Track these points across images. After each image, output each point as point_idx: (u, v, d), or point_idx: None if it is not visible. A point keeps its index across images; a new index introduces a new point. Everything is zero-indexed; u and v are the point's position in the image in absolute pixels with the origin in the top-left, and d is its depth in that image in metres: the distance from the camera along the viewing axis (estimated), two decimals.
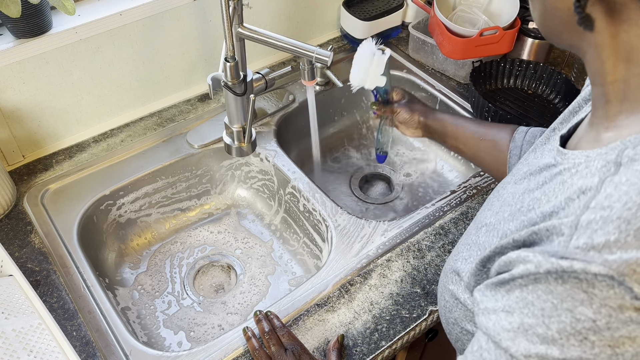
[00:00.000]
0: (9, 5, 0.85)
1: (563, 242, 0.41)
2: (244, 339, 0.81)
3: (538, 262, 0.41)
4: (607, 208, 0.40)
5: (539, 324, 0.41)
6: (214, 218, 1.15)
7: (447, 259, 0.65)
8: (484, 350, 0.46)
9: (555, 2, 0.45)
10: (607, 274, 0.37)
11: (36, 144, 1.07)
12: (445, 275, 0.62)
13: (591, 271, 0.38)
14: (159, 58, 1.11)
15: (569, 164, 0.47)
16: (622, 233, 0.38)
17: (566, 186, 0.45)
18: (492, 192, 0.64)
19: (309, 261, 1.07)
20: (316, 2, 1.28)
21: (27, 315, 0.74)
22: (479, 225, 0.58)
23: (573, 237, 0.40)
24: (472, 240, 0.58)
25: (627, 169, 0.40)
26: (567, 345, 0.39)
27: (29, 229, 0.95)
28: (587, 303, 0.38)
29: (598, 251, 0.38)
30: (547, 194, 0.47)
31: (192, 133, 1.11)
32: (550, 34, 0.49)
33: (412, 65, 1.29)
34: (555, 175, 0.49)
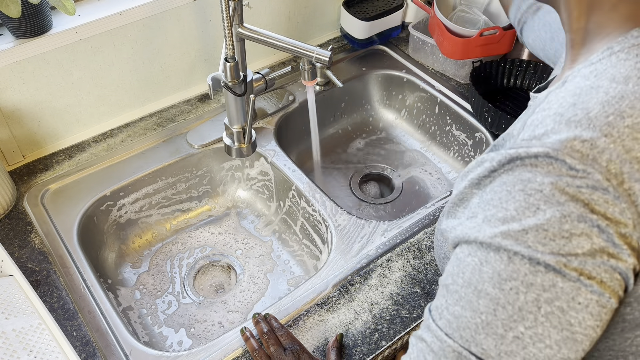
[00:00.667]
0: (9, 5, 0.85)
1: (512, 141, 0.50)
2: (243, 340, 0.81)
3: (491, 158, 0.49)
4: (546, 109, 0.49)
5: (498, 211, 0.47)
6: (214, 219, 1.15)
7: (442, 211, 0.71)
8: (457, 254, 0.51)
9: None
10: (544, 152, 0.45)
11: (36, 144, 1.07)
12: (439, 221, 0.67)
13: (532, 153, 0.46)
14: (159, 58, 1.11)
15: (535, 102, 0.54)
16: (556, 123, 0.46)
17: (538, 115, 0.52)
18: None
19: (309, 261, 1.07)
20: (316, 2, 1.28)
21: (27, 315, 0.74)
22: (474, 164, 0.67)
23: (520, 135, 0.50)
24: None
25: (569, 83, 0.50)
26: (524, 218, 0.45)
27: (29, 229, 0.95)
28: (533, 179, 0.45)
29: (538, 139, 0.47)
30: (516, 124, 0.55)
31: (192, 133, 1.11)
32: None
33: (412, 65, 1.29)
34: (525, 113, 0.57)
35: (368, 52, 1.33)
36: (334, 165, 1.27)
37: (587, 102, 0.46)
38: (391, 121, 1.34)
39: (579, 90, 0.48)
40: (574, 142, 0.44)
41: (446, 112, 1.23)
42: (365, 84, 1.31)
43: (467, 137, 1.20)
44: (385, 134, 1.33)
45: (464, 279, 0.49)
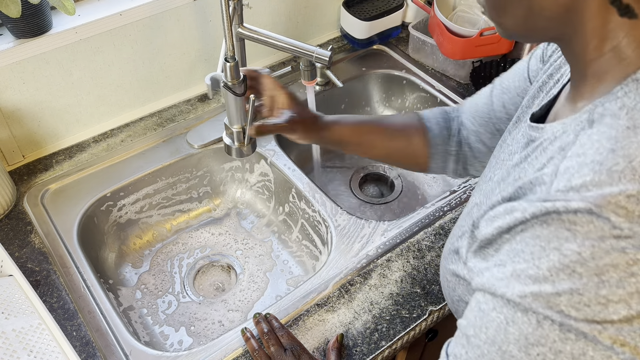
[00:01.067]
0: (9, 5, 0.85)
1: (545, 189, 0.45)
2: (243, 340, 0.81)
3: (523, 208, 0.45)
4: (581, 155, 0.44)
5: (530, 267, 0.44)
6: (214, 219, 1.15)
7: (445, 243, 0.67)
8: (481, 303, 0.48)
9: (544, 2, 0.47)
10: (586, 208, 0.41)
11: (36, 144, 1.07)
12: (444, 257, 0.65)
13: (571, 208, 0.42)
14: (159, 58, 1.11)
15: (548, 135, 0.51)
16: (596, 173, 0.42)
17: (547, 152, 0.50)
18: (480, 177, 0.67)
19: (309, 261, 1.07)
20: (316, 2, 1.28)
21: (27, 315, 0.74)
22: (471, 206, 0.62)
23: (554, 183, 0.45)
24: (465, 221, 0.61)
25: (599, 123, 0.45)
26: (558, 280, 0.42)
27: (29, 229, 0.95)
28: (572, 239, 0.42)
29: (577, 191, 0.42)
30: (532, 163, 0.52)
31: (192, 133, 1.11)
32: (532, 33, 0.51)
33: (412, 65, 1.29)
34: (536, 147, 0.53)
35: (368, 52, 1.33)
36: (333, 165, 1.27)
37: (628, 147, 0.42)
38: None
39: (614, 132, 0.43)
40: (619, 197, 0.40)
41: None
42: (365, 84, 1.31)
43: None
44: None
45: (487, 335, 0.47)
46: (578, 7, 0.46)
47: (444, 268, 0.64)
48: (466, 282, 0.59)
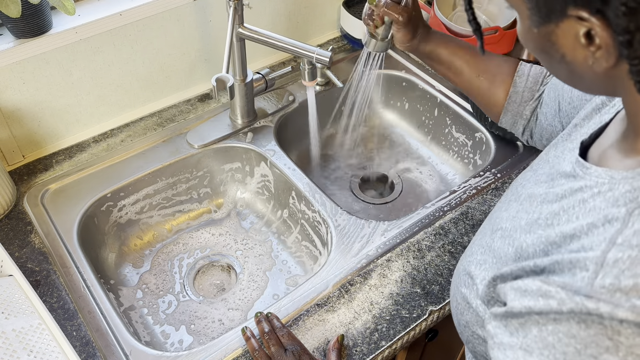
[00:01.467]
0: (9, 5, 0.85)
1: (587, 279, 0.39)
2: (244, 339, 0.81)
3: (561, 299, 0.40)
4: (635, 247, 0.38)
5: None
6: (215, 219, 1.15)
7: (461, 258, 0.63)
8: None
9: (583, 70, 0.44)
10: (635, 321, 0.36)
11: (36, 144, 1.07)
12: (458, 276, 0.61)
13: (618, 317, 0.37)
14: (159, 58, 1.11)
15: (591, 182, 0.47)
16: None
17: (587, 207, 0.45)
18: (510, 188, 0.63)
19: (309, 261, 1.07)
20: (316, 2, 1.28)
21: (27, 315, 0.74)
22: (495, 228, 0.57)
23: (599, 275, 0.39)
24: (486, 243, 0.57)
25: None
26: None
27: (29, 229, 0.95)
28: (613, 350, 0.37)
29: (625, 294, 0.37)
30: (567, 212, 0.47)
31: (192, 133, 1.11)
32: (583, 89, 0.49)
33: (412, 65, 1.29)
34: (575, 191, 0.48)
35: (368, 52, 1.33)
36: (334, 165, 1.27)
37: None
38: (391, 121, 1.34)
39: None
40: None
41: (446, 112, 1.23)
42: None
43: (467, 137, 1.20)
44: (385, 134, 1.33)
45: None
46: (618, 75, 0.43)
47: (456, 288, 0.61)
48: (476, 313, 0.56)
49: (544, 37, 0.44)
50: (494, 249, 0.54)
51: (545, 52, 0.46)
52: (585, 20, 0.40)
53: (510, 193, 0.61)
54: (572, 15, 0.40)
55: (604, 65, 0.41)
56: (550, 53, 0.45)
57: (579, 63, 0.43)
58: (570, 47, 0.43)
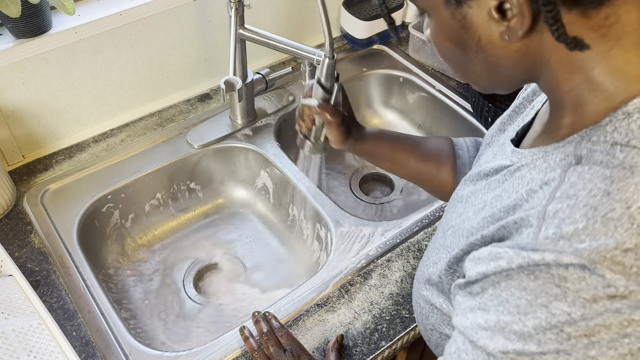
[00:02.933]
0: (9, 5, 0.85)
1: (532, 234, 0.41)
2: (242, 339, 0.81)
3: (509, 258, 0.42)
4: (572, 197, 0.40)
5: (514, 321, 0.41)
6: (214, 219, 1.15)
7: (418, 266, 0.64)
8: (461, 351, 0.46)
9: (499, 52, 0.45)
10: (579, 263, 0.38)
11: (36, 144, 1.07)
12: (417, 282, 0.62)
13: (563, 262, 0.38)
14: (159, 58, 1.11)
15: (527, 161, 0.49)
16: (589, 220, 0.39)
17: (525, 180, 0.47)
18: (452, 196, 0.64)
19: (309, 261, 1.07)
20: (316, 2, 1.28)
21: (27, 315, 0.74)
22: (445, 229, 0.59)
23: (542, 227, 0.41)
24: (439, 244, 0.58)
25: (588, 159, 0.42)
26: (544, 340, 0.40)
27: (28, 229, 0.95)
28: (562, 297, 0.39)
29: (567, 240, 0.39)
30: (507, 190, 0.49)
31: (192, 133, 1.11)
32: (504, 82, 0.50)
33: (412, 65, 1.29)
34: (513, 172, 0.50)
35: (368, 52, 1.33)
36: (334, 164, 1.27)
37: (624, 189, 0.38)
38: (391, 121, 1.34)
39: (608, 172, 0.40)
40: (615, 252, 0.37)
41: (446, 112, 1.23)
42: (365, 84, 1.31)
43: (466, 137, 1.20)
44: None
45: None
46: (535, 48, 0.44)
47: (417, 293, 0.62)
48: (441, 312, 0.57)
49: (459, 25, 0.45)
50: (447, 245, 0.56)
51: (461, 46, 0.47)
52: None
53: (452, 199, 0.63)
54: None
55: (519, 33, 0.42)
56: (466, 44, 0.46)
57: (494, 44, 0.45)
58: (485, 26, 0.44)
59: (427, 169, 0.80)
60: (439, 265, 0.56)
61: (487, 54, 0.46)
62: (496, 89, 0.51)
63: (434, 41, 0.50)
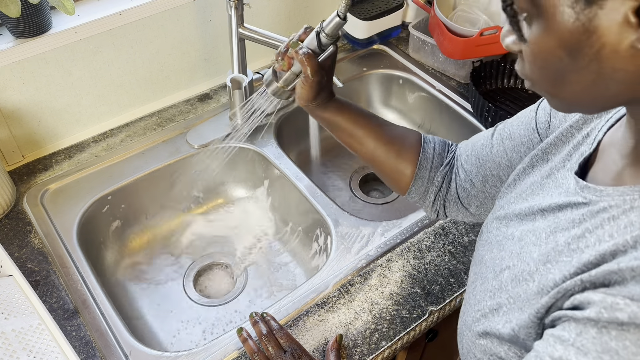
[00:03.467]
0: (9, 5, 0.85)
1: None
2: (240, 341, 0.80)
3: (633, 313, 0.37)
4: None
5: None
6: (214, 219, 1.15)
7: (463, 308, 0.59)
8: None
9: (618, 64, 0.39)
10: None
11: (36, 144, 1.07)
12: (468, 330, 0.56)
13: None
14: (158, 58, 1.11)
15: (616, 201, 0.44)
16: None
17: (621, 224, 0.43)
18: (485, 233, 0.60)
19: (309, 261, 1.07)
20: (316, 2, 1.28)
21: (26, 315, 0.74)
22: (498, 270, 0.54)
23: None
24: (493, 287, 0.54)
25: None
26: None
27: (28, 229, 0.95)
28: None
29: None
30: (596, 232, 0.44)
31: (192, 133, 1.11)
32: (599, 101, 0.44)
33: (412, 65, 1.29)
34: (597, 212, 0.45)
35: (368, 52, 1.33)
36: (334, 165, 1.27)
37: None
38: (391, 121, 1.34)
39: None
40: None
41: (446, 112, 1.23)
42: (365, 84, 1.31)
43: (467, 137, 1.20)
44: None
45: None
46: None
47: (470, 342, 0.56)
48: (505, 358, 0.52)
49: (582, 28, 0.39)
50: (507, 289, 0.51)
51: (573, 54, 0.40)
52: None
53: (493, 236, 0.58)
54: None
55: None
56: (582, 51, 0.40)
57: (620, 54, 0.38)
58: (614, 32, 0.37)
59: (386, 154, 0.75)
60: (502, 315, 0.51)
61: (604, 64, 0.39)
62: (583, 108, 0.45)
63: (533, 48, 0.43)
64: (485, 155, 0.70)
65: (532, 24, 0.42)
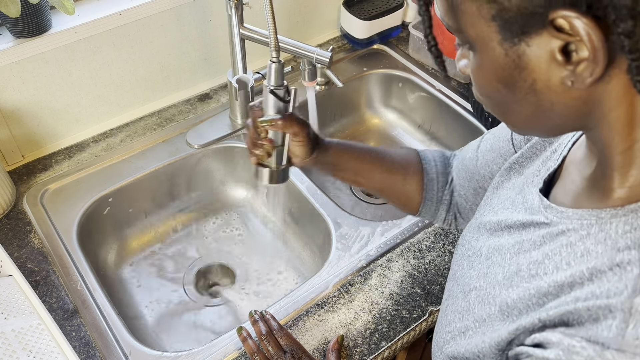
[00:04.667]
0: (9, 5, 0.84)
1: (616, 329, 0.36)
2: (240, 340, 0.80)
3: (589, 357, 0.37)
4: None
5: None
6: (214, 218, 1.15)
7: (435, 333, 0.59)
8: None
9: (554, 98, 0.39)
10: None
11: (35, 144, 1.07)
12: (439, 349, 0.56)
13: None
14: (158, 58, 1.11)
15: (574, 225, 0.44)
16: None
17: (577, 251, 0.42)
18: (460, 245, 0.60)
19: (309, 261, 1.07)
20: (316, 2, 1.28)
21: (26, 315, 0.74)
22: (466, 289, 0.54)
23: (629, 324, 0.36)
24: (462, 307, 0.54)
25: None
26: None
27: (28, 229, 0.95)
28: None
29: None
30: (553, 258, 0.44)
31: (192, 133, 1.11)
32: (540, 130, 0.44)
33: (412, 65, 1.29)
34: (556, 235, 0.45)
35: (368, 52, 1.33)
36: None
37: None
38: (391, 121, 1.34)
39: None
40: None
41: (446, 112, 1.23)
42: (365, 84, 1.31)
43: (467, 137, 1.20)
44: (385, 134, 1.33)
45: None
46: (597, 98, 0.38)
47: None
48: None
49: (512, 64, 0.39)
50: (473, 312, 0.51)
51: (509, 87, 0.41)
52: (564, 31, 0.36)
53: (465, 249, 0.58)
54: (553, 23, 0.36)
55: (587, 80, 0.37)
56: (516, 85, 0.40)
57: (552, 89, 0.39)
58: (543, 69, 0.38)
59: (393, 182, 0.75)
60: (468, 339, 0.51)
61: (540, 97, 0.40)
62: (536, 132, 0.46)
63: (475, 77, 0.43)
64: (472, 168, 0.69)
65: (472, 55, 0.43)
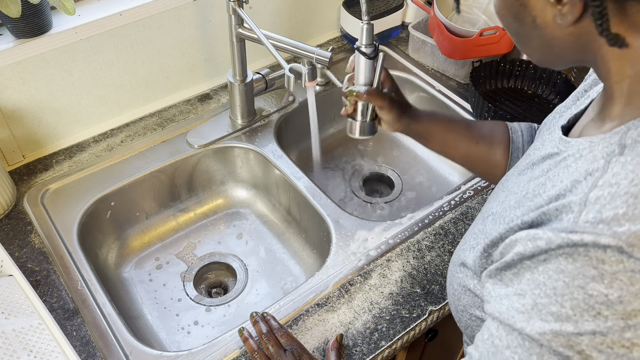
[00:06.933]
0: (9, 5, 0.85)
1: (573, 218, 0.43)
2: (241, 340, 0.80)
3: (548, 239, 0.43)
4: (614, 185, 0.42)
5: (552, 303, 0.42)
6: (214, 218, 1.15)
7: (455, 250, 0.65)
8: (495, 337, 0.47)
9: (553, 32, 0.47)
10: (617, 246, 0.39)
11: (36, 144, 1.07)
12: (453, 265, 0.64)
13: (601, 243, 0.39)
14: (159, 58, 1.11)
15: (573, 151, 0.49)
16: (629, 207, 0.40)
17: (571, 170, 0.47)
18: (497, 185, 0.65)
19: (309, 261, 1.07)
20: (316, 2, 1.28)
21: (27, 315, 0.74)
22: (485, 215, 0.60)
23: (582, 212, 0.42)
24: (478, 229, 0.59)
25: (632, 149, 0.43)
26: (581, 321, 0.40)
27: (29, 229, 0.95)
28: (599, 279, 0.39)
29: (607, 224, 0.40)
30: (552, 179, 0.49)
31: (192, 133, 1.11)
32: (557, 59, 0.51)
33: (412, 65, 1.29)
34: (559, 162, 0.51)
35: None
36: (334, 165, 1.27)
37: None
38: None
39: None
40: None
41: (446, 112, 1.23)
42: None
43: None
44: (385, 133, 1.33)
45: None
46: (587, 32, 0.45)
47: (452, 275, 0.63)
48: (473, 294, 0.58)
49: (518, 2, 0.48)
50: (486, 232, 0.56)
51: (519, 21, 0.49)
52: None
53: (497, 187, 0.64)
54: None
55: (569, 19, 0.44)
56: (523, 20, 0.48)
57: (548, 24, 0.46)
58: (540, 8, 0.46)
59: (479, 151, 0.79)
60: (476, 251, 0.57)
61: (542, 32, 0.47)
62: (551, 64, 0.52)
63: (497, 12, 0.52)
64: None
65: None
